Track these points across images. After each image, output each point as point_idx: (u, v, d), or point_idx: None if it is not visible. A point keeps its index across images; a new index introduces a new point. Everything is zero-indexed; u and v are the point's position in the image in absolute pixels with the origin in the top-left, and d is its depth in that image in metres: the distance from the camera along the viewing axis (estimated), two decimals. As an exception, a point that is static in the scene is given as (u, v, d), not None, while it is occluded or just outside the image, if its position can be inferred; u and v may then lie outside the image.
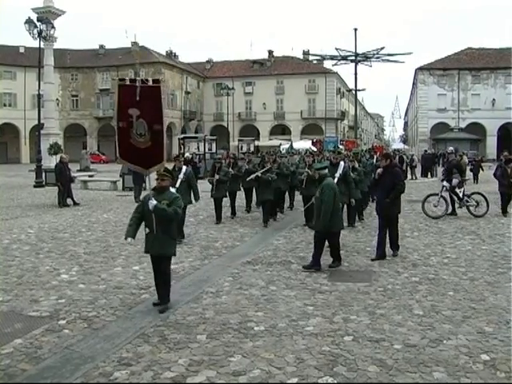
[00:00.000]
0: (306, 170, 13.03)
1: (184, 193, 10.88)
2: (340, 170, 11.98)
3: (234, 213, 15.40)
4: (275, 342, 5.54)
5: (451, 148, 24.61)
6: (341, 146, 41.41)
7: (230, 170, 14.92)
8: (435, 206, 15.73)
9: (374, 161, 18.04)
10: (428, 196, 16.32)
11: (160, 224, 6.62)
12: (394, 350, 5.35)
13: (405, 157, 34.59)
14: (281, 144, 46.53)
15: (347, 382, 4.64)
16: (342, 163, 12.26)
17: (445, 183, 16.21)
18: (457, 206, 15.98)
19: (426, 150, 39.84)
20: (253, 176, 13.83)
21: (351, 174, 12.68)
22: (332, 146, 38.17)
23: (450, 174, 16.40)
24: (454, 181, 16.00)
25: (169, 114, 67.65)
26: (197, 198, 12.12)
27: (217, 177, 13.88)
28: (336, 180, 11.02)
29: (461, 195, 15.77)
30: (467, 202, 15.73)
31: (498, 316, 6.40)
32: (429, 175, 34.09)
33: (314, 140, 44.48)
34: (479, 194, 16.26)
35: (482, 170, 28.21)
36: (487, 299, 7.15)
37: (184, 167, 11.94)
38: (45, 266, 9.16)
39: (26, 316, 6.52)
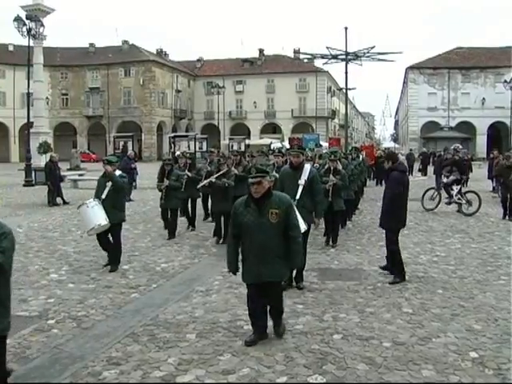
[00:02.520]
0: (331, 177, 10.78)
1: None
2: (305, 176, 7.91)
3: (192, 224, 13.06)
4: (265, 341, 5.53)
5: (457, 145, 24.70)
6: (325, 144, 40.28)
7: (186, 172, 12.55)
8: (432, 199, 16.68)
9: (360, 159, 17.08)
10: (427, 190, 17.16)
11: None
12: (383, 347, 5.37)
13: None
14: (271, 142, 46.52)
15: (336, 381, 4.65)
16: (307, 166, 8.11)
17: (444, 180, 16.72)
18: (445, 200, 16.24)
19: (411, 149, 40.12)
20: (205, 182, 11.42)
21: (334, 178, 10.77)
22: (313, 144, 33.55)
23: (450, 171, 16.72)
24: (451, 178, 16.25)
25: (159, 113, 67.62)
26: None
27: (166, 182, 11.51)
28: (300, 190, 7.81)
29: (455, 192, 15.96)
30: (459, 199, 15.87)
31: (487, 314, 6.44)
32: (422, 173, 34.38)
33: (292, 138, 39.62)
34: (473, 192, 16.40)
35: (471, 170, 28.06)
36: (476, 297, 7.19)
37: (118, 172, 9.40)
38: (34, 266, 9.11)
39: (15, 316, 6.44)
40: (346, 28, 36.66)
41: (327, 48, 37.92)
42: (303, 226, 6.83)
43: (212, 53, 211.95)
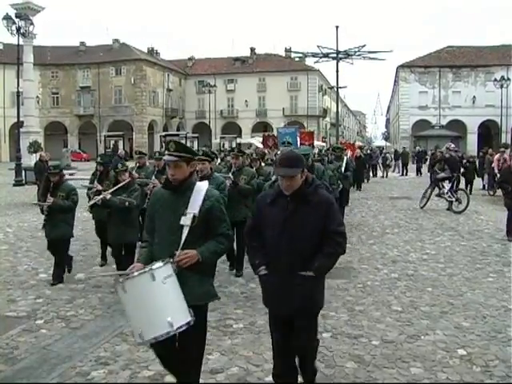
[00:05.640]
0: None
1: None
2: (195, 205, 3.94)
3: (104, 258, 9.24)
4: (254, 340, 5.54)
5: (450, 143, 24.93)
6: (316, 143, 39.32)
7: (96, 184, 8.57)
8: (424, 197, 16.85)
9: (344, 163, 13.65)
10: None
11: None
12: (371, 346, 5.38)
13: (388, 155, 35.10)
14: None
15: (325, 380, 4.66)
16: (200, 187, 4.01)
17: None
18: (435, 192, 16.49)
19: (404, 148, 40.13)
20: (97, 200, 7.78)
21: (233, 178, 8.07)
22: (289, 139, 27.11)
23: (442, 168, 16.99)
24: (442, 174, 16.50)
25: (150, 112, 67.41)
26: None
27: (50, 201, 7.83)
28: (185, 234, 4.24)
29: (447, 190, 16.14)
30: (450, 197, 16.00)
31: (475, 311, 6.47)
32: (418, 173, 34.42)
33: (267, 135, 30.62)
34: (462, 190, 16.57)
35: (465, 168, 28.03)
36: (465, 294, 7.22)
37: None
38: (23, 266, 9.06)
39: (3, 316, 6.45)
40: (336, 27, 36.72)
41: (318, 47, 37.92)
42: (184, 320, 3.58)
43: (203, 51, 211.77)
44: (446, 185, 16.28)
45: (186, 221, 3.79)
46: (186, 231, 3.78)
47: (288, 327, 4.00)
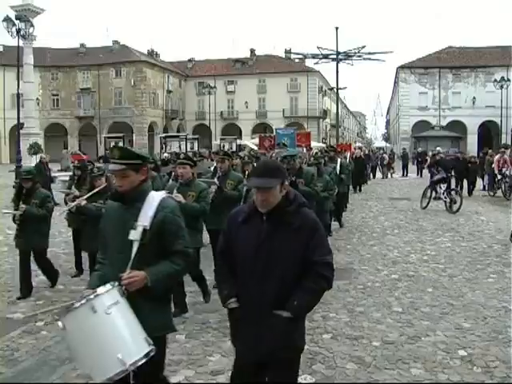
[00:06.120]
0: None
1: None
2: (146, 217, 3.43)
3: (79, 268, 8.79)
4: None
5: (438, 148, 25.11)
6: (317, 144, 38.83)
7: (74, 190, 8.17)
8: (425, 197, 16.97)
9: (338, 166, 13.01)
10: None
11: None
12: (372, 347, 5.38)
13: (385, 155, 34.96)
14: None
15: (326, 381, 4.66)
16: (153, 197, 3.48)
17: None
18: (433, 196, 16.68)
19: (404, 149, 40.17)
20: (70, 206, 7.40)
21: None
22: (287, 141, 24.00)
23: (436, 170, 17.27)
24: (437, 176, 16.71)
25: (150, 113, 67.40)
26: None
27: (22, 208, 7.30)
28: (133, 253, 3.62)
29: (442, 191, 16.26)
30: (445, 198, 16.15)
31: (476, 312, 6.47)
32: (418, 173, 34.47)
33: (264, 135, 31.14)
34: (455, 190, 16.66)
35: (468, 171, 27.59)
36: (465, 295, 7.22)
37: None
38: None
39: (4, 318, 6.45)
40: (336, 28, 36.73)
41: (318, 48, 37.92)
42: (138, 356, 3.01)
43: (203, 53, 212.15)
44: (442, 186, 16.46)
45: (135, 235, 3.26)
46: (135, 247, 3.25)
47: (258, 379, 3.24)
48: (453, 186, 17.62)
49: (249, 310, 3.12)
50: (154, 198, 3.39)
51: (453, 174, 18.10)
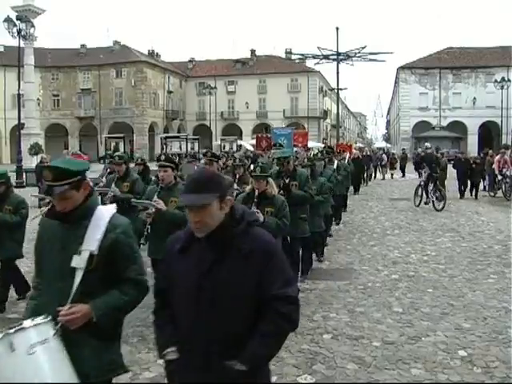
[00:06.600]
0: None
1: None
2: (93, 239, 2.87)
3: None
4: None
5: (427, 144, 25.27)
6: (316, 144, 38.64)
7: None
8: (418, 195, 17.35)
9: (335, 166, 12.25)
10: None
11: None
12: (372, 347, 5.39)
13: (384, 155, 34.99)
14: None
15: (326, 381, 4.66)
16: (101, 213, 2.93)
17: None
18: (424, 199, 17.10)
19: (403, 149, 40.23)
20: (43, 212, 6.37)
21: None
22: (284, 141, 21.39)
23: (422, 167, 17.91)
24: (424, 176, 17.12)
25: (151, 114, 67.44)
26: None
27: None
28: (76, 283, 3.06)
29: (430, 189, 16.62)
30: (431, 196, 16.54)
31: (476, 312, 6.48)
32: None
33: (260, 136, 29.25)
34: (438, 188, 16.80)
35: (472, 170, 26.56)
36: (466, 296, 7.23)
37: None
38: (23, 268, 9.02)
39: (5, 318, 6.45)
40: (337, 28, 36.85)
41: (318, 48, 38.01)
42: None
43: (204, 53, 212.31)
44: (430, 185, 16.77)
45: (79, 262, 2.70)
46: (79, 276, 2.69)
47: None
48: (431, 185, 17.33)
49: (192, 360, 2.43)
50: (103, 214, 2.83)
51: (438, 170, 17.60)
